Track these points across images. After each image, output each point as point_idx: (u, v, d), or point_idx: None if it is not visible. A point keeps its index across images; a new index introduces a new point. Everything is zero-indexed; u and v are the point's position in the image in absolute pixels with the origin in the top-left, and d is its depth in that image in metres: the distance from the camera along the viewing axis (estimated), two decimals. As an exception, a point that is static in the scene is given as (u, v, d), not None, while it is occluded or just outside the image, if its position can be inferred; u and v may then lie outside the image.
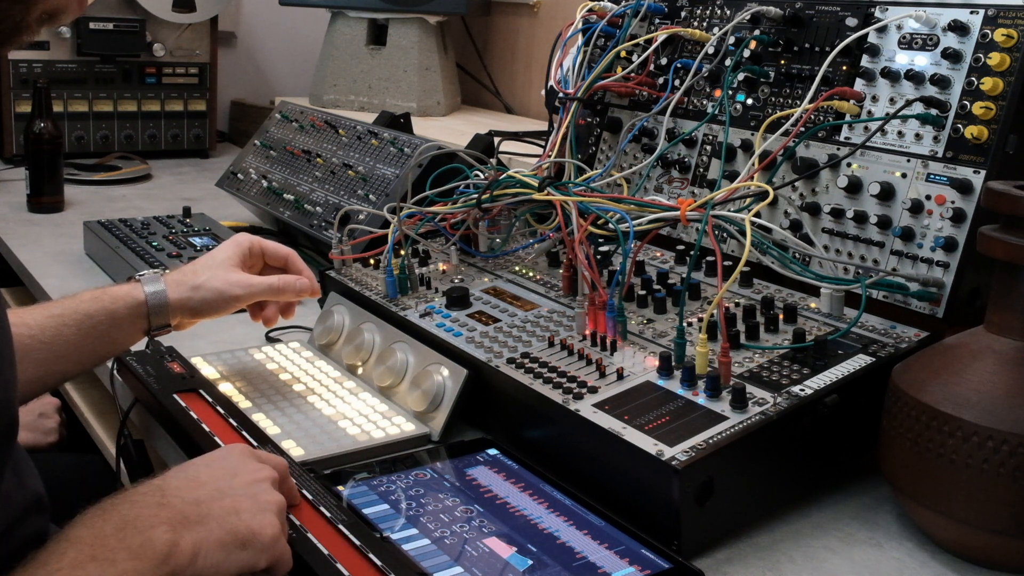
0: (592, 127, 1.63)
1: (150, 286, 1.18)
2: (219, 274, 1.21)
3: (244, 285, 1.22)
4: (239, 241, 1.27)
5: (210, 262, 1.23)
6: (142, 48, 2.67)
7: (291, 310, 1.30)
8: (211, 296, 1.20)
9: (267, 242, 1.29)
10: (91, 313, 1.14)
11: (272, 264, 1.30)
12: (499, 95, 2.89)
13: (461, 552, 0.88)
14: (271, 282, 1.24)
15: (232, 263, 1.23)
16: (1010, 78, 1.13)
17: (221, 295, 1.21)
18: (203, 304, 1.21)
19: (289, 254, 1.29)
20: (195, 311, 1.21)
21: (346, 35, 2.73)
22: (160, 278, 1.20)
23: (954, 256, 1.14)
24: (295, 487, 0.91)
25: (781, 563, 0.93)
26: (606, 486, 0.97)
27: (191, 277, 1.21)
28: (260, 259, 1.29)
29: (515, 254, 1.44)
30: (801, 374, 1.03)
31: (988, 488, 0.89)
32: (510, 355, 1.13)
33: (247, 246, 1.26)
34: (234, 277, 1.22)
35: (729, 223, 1.14)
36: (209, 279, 1.21)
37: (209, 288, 1.20)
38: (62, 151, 2.20)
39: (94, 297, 1.16)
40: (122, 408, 1.23)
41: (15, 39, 0.80)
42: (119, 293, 1.18)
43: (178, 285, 1.20)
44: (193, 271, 1.23)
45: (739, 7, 1.45)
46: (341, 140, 1.90)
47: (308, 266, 1.31)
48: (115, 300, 1.17)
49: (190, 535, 0.77)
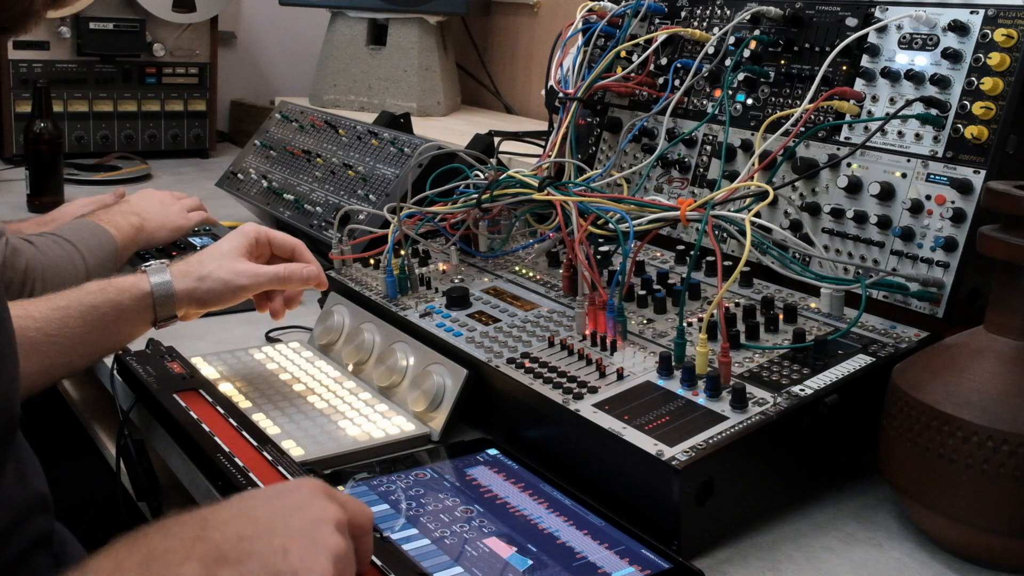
0: (592, 127, 1.63)
1: (156, 277, 1.18)
2: (225, 264, 1.21)
3: (250, 274, 1.21)
4: (245, 231, 1.26)
5: (216, 252, 1.23)
6: (142, 48, 2.67)
7: (295, 301, 1.29)
8: (217, 286, 1.20)
9: (274, 232, 1.29)
10: (97, 305, 1.14)
11: (279, 255, 1.29)
12: (499, 95, 2.89)
13: (461, 552, 0.88)
14: (277, 271, 1.23)
15: (238, 253, 1.23)
16: (1010, 78, 1.13)
17: (227, 285, 1.20)
18: (209, 294, 1.20)
19: (296, 244, 1.29)
20: (201, 301, 1.21)
21: (346, 35, 2.73)
22: (166, 269, 1.20)
23: (954, 256, 1.14)
24: (371, 545, 0.77)
25: (781, 563, 0.93)
26: (606, 486, 0.97)
27: (197, 268, 1.21)
28: (267, 249, 1.28)
29: (515, 254, 1.44)
30: (801, 374, 1.03)
31: (988, 488, 0.89)
32: (510, 355, 1.13)
33: (253, 236, 1.26)
34: (240, 267, 1.21)
35: (729, 223, 1.14)
36: (215, 269, 1.21)
37: (215, 278, 1.20)
38: (62, 151, 2.20)
39: (100, 288, 1.16)
40: (122, 408, 1.23)
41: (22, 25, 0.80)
42: (125, 284, 1.17)
43: (184, 275, 1.20)
44: (199, 261, 1.22)
45: (739, 7, 1.45)
46: (341, 140, 1.90)
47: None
48: (121, 291, 1.16)
49: (226, 573, 0.66)
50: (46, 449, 1.75)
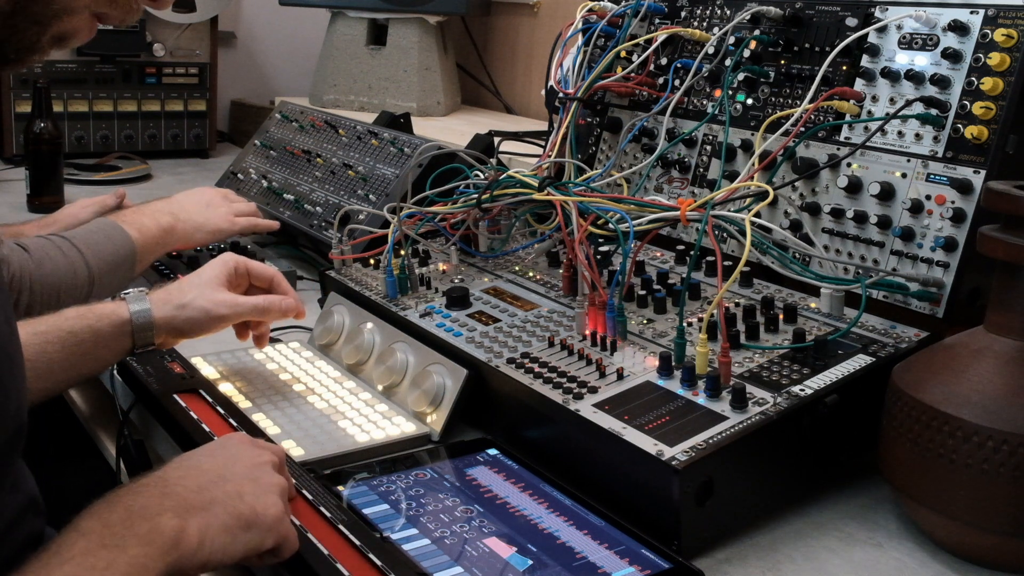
0: (592, 127, 1.63)
1: (135, 304, 1.18)
2: (205, 293, 1.21)
3: (230, 304, 1.22)
4: (225, 260, 1.27)
5: (196, 281, 1.23)
6: (142, 48, 2.67)
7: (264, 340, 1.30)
8: (197, 315, 1.20)
9: (252, 262, 1.30)
10: (75, 331, 1.13)
11: (257, 284, 1.30)
12: (499, 95, 2.89)
13: (461, 552, 0.88)
14: (256, 302, 1.24)
15: (218, 282, 1.23)
16: (1010, 78, 1.13)
17: (207, 314, 1.21)
18: (188, 323, 1.20)
19: (275, 275, 1.30)
20: (180, 330, 1.21)
21: (346, 35, 2.73)
22: (145, 297, 1.20)
23: (954, 256, 1.14)
24: (290, 478, 0.92)
25: (781, 563, 0.93)
26: (606, 486, 0.97)
27: (177, 296, 1.21)
28: (246, 279, 1.29)
29: (515, 254, 1.44)
30: (801, 374, 1.03)
31: (988, 488, 0.89)
32: (510, 355, 1.13)
33: (233, 265, 1.27)
34: (220, 296, 1.22)
35: (729, 223, 1.14)
36: (195, 298, 1.21)
37: (195, 307, 1.20)
38: (62, 151, 2.20)
39: (79, 315, 1.15)
40: (122, 408, 1.23)
41: (27, 59, 0.82)
42: (104, 311, 1.17)
43: (163, 304, 1.20)
44: (179, 290, 1.22)
45: (739, 7, 1.45)
46: (341, 140, 1.90)
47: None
48: (100, 318, 1.16)
49: (195, 521, 0.78)
50: (46, 450, 1.76)
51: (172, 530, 0.77)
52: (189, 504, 0.80)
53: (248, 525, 0.81)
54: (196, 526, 0.78)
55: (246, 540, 0.81)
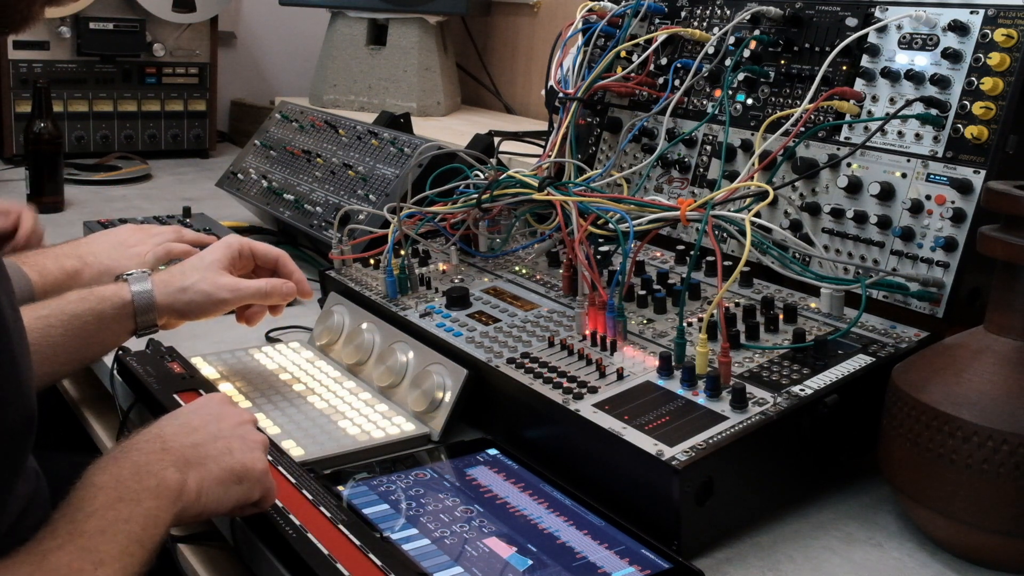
0: (592, 127, 1.63)
1: (137, 286, 1.18)
2: (207, 276, 1.21)
3: (231, 288, 1.22)
4: (229, 243, 1.27)
5: (198, 264, 1.23)
6: (142, 48, 2.67)
7: (279, 309, 1.30)
8: (198, 298, 1.20)
9: (257, 244, 1.29)
10: (78, 313, 1.14)
11: (263, 266, 1.30)
12: (499, 95, 2.89)
13: (461, 552, 0.88)
14: (260, 286, 1.24)
15: (221, 265, 1.23)
16: (1010, 78, 1.13)
17: (208, 298, 1.21)
18: (190, 306, 1.20)
19: (280, 256, 1.29)
20: (182, 313, 1.21)
21: (346, 35, 2.73)
22: (147, 278, 1.20)
23: (954, 256, 1.14)
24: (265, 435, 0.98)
25: (781, 563, 0.93)
26: (606, 486, 0.97)
27: (179, 279, 1.21)
28: (250, 261, 1.29)
29: (515, 254, 1.44)
30: (801, 374, 1.03)
31: (988, 488, 0.89)
32: (510, 355, 1.13)
33: (236, 248, 1.26)
34: (222, 280, 1.22)
35: (729, 223, 1.14)
36: (197, 282, 1.21)
37: (197, 291, 1.20)
38: (62, 151, 2.20)
39: (81, 297, 1.16)
40: (122, 408, 1.23)
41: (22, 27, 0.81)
42: (106, 293, 1.17)
43: (165, 286, 1.20)
44: (181, 272, 1.22)
45: (739, 7, 1.45)
46: (341, 140, 1.90)
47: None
48: (102, 300, 1.16)
49: (194, 474, 0.85)
50: (46, 449, 1.75)
51: (176, 483, 0.83)
52: (187, 459, 0.86)
53: (239, 478, 0.87)
54: (194, 479, 0.85)
55: (237, 492, 0.87)
